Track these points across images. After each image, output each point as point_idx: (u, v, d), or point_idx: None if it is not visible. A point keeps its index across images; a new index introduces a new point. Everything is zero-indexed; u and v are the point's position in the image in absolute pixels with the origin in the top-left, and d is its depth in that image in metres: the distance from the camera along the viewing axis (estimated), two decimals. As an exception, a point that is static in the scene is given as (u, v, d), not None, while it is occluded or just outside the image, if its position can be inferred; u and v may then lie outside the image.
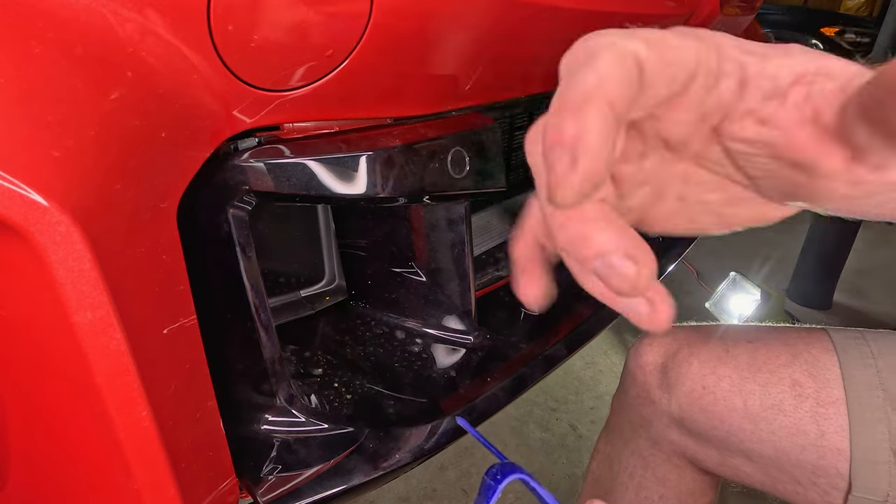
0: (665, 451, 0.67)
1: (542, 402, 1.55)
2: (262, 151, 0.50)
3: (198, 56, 0.41)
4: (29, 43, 0.35)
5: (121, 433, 0.39)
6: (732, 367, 0.61)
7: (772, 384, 0.59)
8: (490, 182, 0.63)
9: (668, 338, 0.67)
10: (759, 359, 0.60)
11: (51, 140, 0.34)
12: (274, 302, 0.72)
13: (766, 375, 0.59)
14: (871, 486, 0.52)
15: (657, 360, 0.66)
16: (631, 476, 0.69)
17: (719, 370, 0.61)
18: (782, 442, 0.57)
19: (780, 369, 0.59)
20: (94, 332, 0.36)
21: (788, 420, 0.57)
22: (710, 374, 0.62)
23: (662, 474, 0.67)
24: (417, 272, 0.70)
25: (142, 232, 0.40)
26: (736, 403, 0.60)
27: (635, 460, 0.69)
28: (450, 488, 1.28)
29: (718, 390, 0.61)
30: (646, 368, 0.67)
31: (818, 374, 0.57)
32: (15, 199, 0.32)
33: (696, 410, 0.62)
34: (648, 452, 0.68)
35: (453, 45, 0.57)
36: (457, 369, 0.68)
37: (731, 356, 0.62)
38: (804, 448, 0.56)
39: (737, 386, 0.60)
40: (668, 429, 0.65)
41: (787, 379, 0.58)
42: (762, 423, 0.58)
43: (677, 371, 0.64)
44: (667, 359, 0.65)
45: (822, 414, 0.55)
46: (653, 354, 0.67)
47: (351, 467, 0.55)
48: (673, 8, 0.87)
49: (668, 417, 0.65)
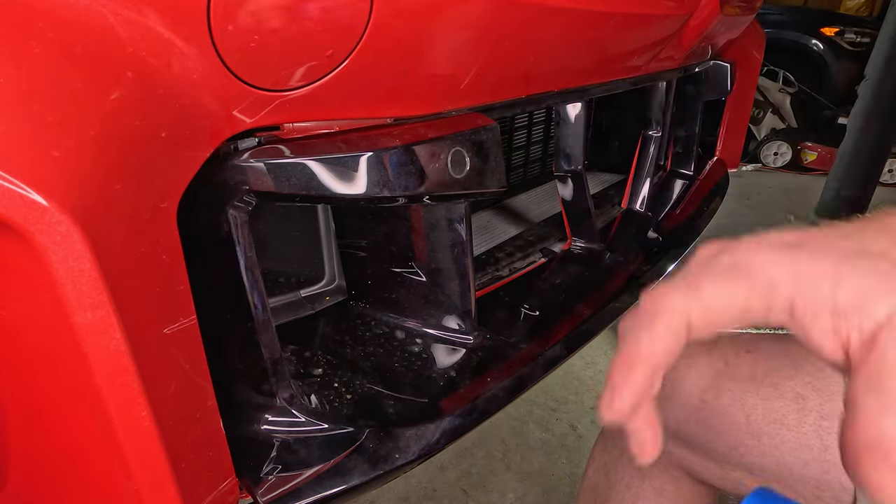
0: (663, 462, 0.66)
1: (542, 402, 1.55)
2: (262, 151, 0.50)
3: (198, 56, 0.41)
4: (29, 43, 0.35)
5: (121, 433, 0.39)
6: (732, 380, 0.60)
7: (774, 398, 0.57)
8: (490, 182, 0.63)
9: None
10: (760, 371, 0.59)
11: (51, 140, 0.34)
12: (274, 302, 0.72)
13: (768, 389, 0.58)
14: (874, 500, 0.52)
15: None
16: (628, 486, 0.69)
17: (720, 384, 0.60)
18: (785, 457, 0.56)
19: (782, 382, 0.58)
20: (94, 332, 0.36)
21: (792, 435, 0.56)
22: (711, 387, 0.61)
23: (660, 485, 0.67)
24: (417, 272, 0.70)
25: (142, 232, 0.40)
26: (737, 418, 0.59)
27: (632, 471, 0.69)
28: (450, 488, 1.28)
29: (718, 404, 0.60)
30: None
31: (822, 386, 0.56)
32: (15, 199, 0.32)
33: (693, 423, 0.61)
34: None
35: (453, 45, 0.57)
36: (457, 369, 0.68)
37: (730, 368, 0.61)
38: (808, 463, 0.55)
39: (738, 400, 0.59)
40: (664, 441, 0.65)
41: (790, 392, 0.57)
42: (765, 437, 0.57)
43: (674, 383, 0.63)
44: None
45: (826, 428, 0.55)
46: None
47: (351, 467, 0.55)
48: (673, 8, 0.87)
49: (665, 429, 0.64)
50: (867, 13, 5.89)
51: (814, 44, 4.21)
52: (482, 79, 0.63)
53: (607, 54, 0.85)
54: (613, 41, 0.82)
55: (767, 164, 4.05)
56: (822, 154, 3.93)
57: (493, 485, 1.29)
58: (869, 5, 6.03)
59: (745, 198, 3.39)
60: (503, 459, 1.36)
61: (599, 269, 0.96)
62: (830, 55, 4.18)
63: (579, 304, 0.83)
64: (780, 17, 4.35)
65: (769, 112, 4.02)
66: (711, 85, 1.29)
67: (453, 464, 1.33)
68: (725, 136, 1.49)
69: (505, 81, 0.69)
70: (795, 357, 0.59)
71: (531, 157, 1.35)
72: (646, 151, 1.18)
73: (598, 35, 0.77)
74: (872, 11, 5.90)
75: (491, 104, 0.70)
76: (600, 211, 1.21)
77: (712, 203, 1.29)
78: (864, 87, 1.94)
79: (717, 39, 1.17)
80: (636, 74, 0.97)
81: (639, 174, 1.19)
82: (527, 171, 1.35)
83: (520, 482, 1.30)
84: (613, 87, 0.96)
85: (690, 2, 0.90)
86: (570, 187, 0.98)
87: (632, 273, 0.95)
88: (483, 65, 0.62)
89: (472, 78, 0.62)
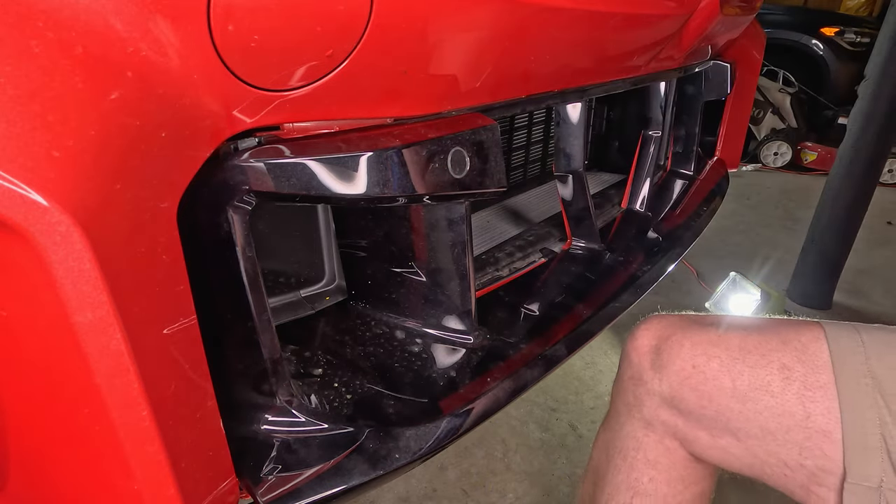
0: (657, 431, 0.68)
1: (542, 402, 1.55)
2: (262, 151, 0.50)
3: (198, 56, 0.41)
4: (29, 43, 0.35)
5: (121, 433, 0.39)
6: (723, 349, 0.63)
7: (761, 366, 0.61)
8: (490, 182, 0.63)
9: (664, 322, 0.69)
10: (750, 343, 0.63)
11: (51, 140, 0.34)
12: (274, 302, 0.72)
13: (755, 358, 0.61)
14: (865, 473, 0.54)
15: (651, 342, 0.68)
16: (624, 458, 0.71)
17: (710, 351, 0.64)
18: (769, 422, 0.59)
19: (769, 353, 0.61)
20: (94, 332, 0.36)
21: (775, 401, 0.59)
22: (701, 354, 0.64)
23: (654, 456, 0.69)
24: (417, 272, 0.70)
25: (142, 232, 0.40)
26: (724, 383, 0.62)
27: (629, 442, 0.71)
28: (450, 488, 1.28)
29: (708, 370, 0.63)
30: (640, 350, 0.69)
31: (807, 359, 0.59)
32: (15, 199, 0.32)
33: (686, 389, 0.64)
34: (642, 433, 0.69)
35: (453, 45, 0.57)
36: (457, 369, 0.68)
37: (722, 339, 0.64)
38: (790, 429, 0.58)
39: (726, 366, 0.62)
40: (659, 408, 0.67)
41: (776, 362, 0.60)
42: (749, 402, 0.60)
43: (669, 352, 0.66)
44: (660, 341, 0.67)
45: (809, 397, 0.57)
46: (647, 337, 0.69)
47: (351, 467, 0.55)
48: (673, 8, 0.87)
49: (660, 397, 0.66)
50: (867, 13, 5.89)
51: (814, 44, 4.21)
52: (482, 79, 0.63)
53: (607, 54, 0.85)
54: (613, 41, 0.82)
55: (767, 164, 4.05)
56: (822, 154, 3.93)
57: (493, 485, 1.29)
58: (869, 5, 6.03)
59: (745, 198, 3.39)
60: (503, 459, 1.36)
61: (599, 269, 0.96)
62: (830, 55, 4.18)
63: (579, 304, 0.83)
64: (780, 17, 4.35)
65: (769, 112, 4.02)
66: (711, 85, 1.29)
67: (453, 464, 1.33)
68: (725, 136, 1.49)
69: (505, 81, 0.69)
70: (785, 334, 0.63)
71: (531, 157, 1.35)
72: (646, 151, 1.18)
73: (599, 35, 0.77)
74: (872, 11, 5.91)
75: (491, 104, 0.70)
76: (600, 211, 1.21)
77: (712, 203, 1.29)
78: (863, 87, 1.94)
79: (717, 39, 1.17)
80: (636, 74, 0.97)
81: (639, 174, 1.19)
82: (527, 171, 1.35)
83: (520, 482, 1.30)
84: (613, 87, 0.96)
85: (690, 2, 0.90)
86: (570, 187, 0.98)
87: (632, 273, 0.95)
88: (483, 64, 0.62)
89: (472, 78, 0.62)
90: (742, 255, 2.57)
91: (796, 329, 0.62)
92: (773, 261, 2.50)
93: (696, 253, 2.44)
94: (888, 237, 2.91)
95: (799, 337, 0.61)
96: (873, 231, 2.80)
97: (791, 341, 0.61)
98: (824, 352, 0.58)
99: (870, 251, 2.60)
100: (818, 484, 0.56)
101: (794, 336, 0.61)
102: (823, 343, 0.59)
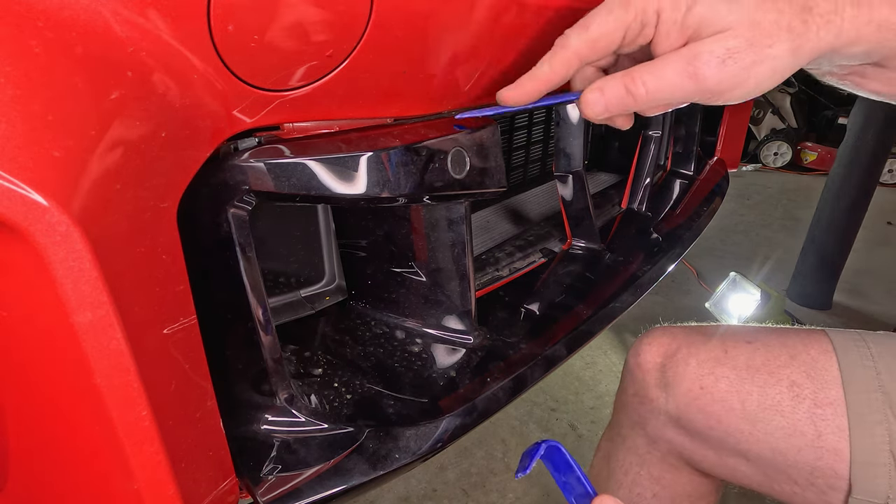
0: (661, 449, 0.67)
1: (542, 402, 1.55)
2: (262, 151, 0.50)
3: (198, 56, 0.41)
4: (29, 43, 0.35)
5: (121, 433, 0.39)
6: (730, 368, 0.61)
7: (770, 385, 0.59)
8: (490, 182, 0.63)
9: (668, 337, 0.67)
10: (758, 360, 0.61)
11: (51, 140, 0.34)
12: (274, 302, 0.72)
13: (764, 376, 0.59)
14: (871, 489, 0.52)
15: (656, 360, 0.66)
16: (626, 473, 0.70)
17: (717, 371, 0.62)
18: (779, 443, 0.57)
19: (778, 370, 0.59)
20: (94, 332, 0.36)
21: (786, 421, 0.57)
22: (708, 374, 0.62)
23: (658, 473, 0.68)
24: (417, 272, 0.70)
25: (142, 232, 0.40)
26: (733, 404, 0.60)
27: (631, 457, 0.69)
28: (450, 488, 1.28)
29: (716, 391, 0.61)
30: (644, 367, 0.67)
31: (817, 374, 0.57)
32: (15, 199, 0.32)
33: (693, 410, 0.62)
34: (645, 450, 0.68)
35: (453, 45, 0.57)
36: (457, 369, 0.68)
37: (729, 357, 0.62)
38: (801, 449, 0.56)
39: (735, 387, 0.60)
40: (664, 427, 0.65)
41: (786, 380, 0.58)
42: (759, 423, 0.58)
43: (675, 371, 0.64)
44: (665, 358, 0.65)
45: (820, 415, 0.56)
46: (651, 354, 0.67)
47: (351, 467, 0.55)
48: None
49: (666, 416, 0.65)
50: (867, 13, 5.88)
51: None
52: (482, 79, 0.63)
53: (607, 54, 0.84)
54: (613, 41, 0.82)
55: (767, 164, 4.05)
56: (822, 154, 3.93)
57: (493, 485, 1.29)
58: (869, 5, 6.02)
59: (745, 198, 3.39)
60: (503, 459, 1.36)
61: (599, 269, 0.96)
62: (830, 55, 4.17)
63: (579, 304, 0.83)
64: (780, 17, 4.34)
65: (769, 112, 4.02)
66: (711, 85, 1.29)
67: (453, 464, 1.33)
68: (725, 136, 1.49)
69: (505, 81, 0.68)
70: (793, 347, 0.60)
71: (531, 157, 1.35)
72: (646, 151, 1.18)
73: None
74: (872, 11, 5.89)
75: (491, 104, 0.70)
76: (600, 211, 1.21)
77: (712, 203, 1.29)
78: (864, 87, 1.94)
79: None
80: (636, 74, 0.97)
81: (639, 174, 1.19)
82: (527, 171, 1.35)
83: (520, 482, 1.30)
84: (613, 87, 0.95)
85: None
86: (570, 187, 0.98)
87: (632, 273, 0.95)
88: (483, 64, 0.62)
89: (473, 78, 0.62)
90: (742, 255, 2.58)
91: (804, 341, 0.60)
92: (772, 261, 2.50)
93: (696, 253, 2.45)
94: (888, 237, 2.91)
95: (807, 350, 0.59)
96: (873, 231, 2.80)
97: (799, 355, 0.59)
98: (833, 366, 0.57)
99: (870, 251, 2.60)
100: (826, 501, 0.55)
101: (803, 349, 0.59)
102: (832, 356, 0.57)
